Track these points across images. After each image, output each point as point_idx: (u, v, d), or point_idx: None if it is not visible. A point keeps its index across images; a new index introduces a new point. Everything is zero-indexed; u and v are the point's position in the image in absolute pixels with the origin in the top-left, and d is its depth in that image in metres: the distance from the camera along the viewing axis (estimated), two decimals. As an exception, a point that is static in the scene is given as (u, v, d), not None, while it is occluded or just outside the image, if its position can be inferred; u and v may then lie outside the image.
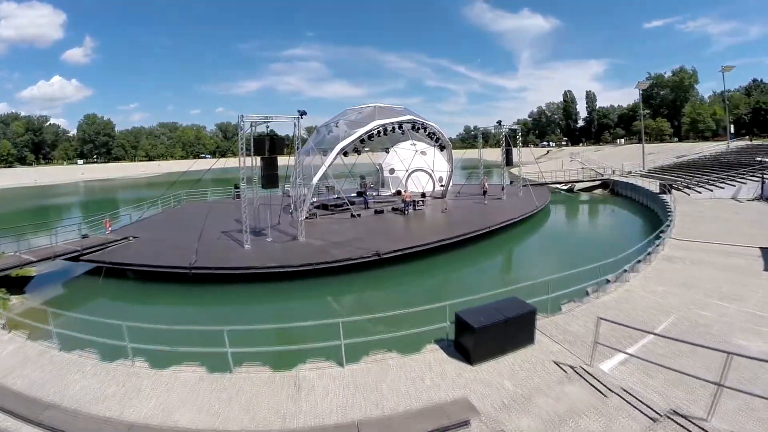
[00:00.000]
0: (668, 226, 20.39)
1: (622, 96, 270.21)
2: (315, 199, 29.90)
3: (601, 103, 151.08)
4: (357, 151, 26.93)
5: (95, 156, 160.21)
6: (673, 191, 31.94)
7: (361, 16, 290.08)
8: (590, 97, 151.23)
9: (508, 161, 33.68)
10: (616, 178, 46.23)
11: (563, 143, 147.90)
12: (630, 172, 49.69)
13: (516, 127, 34.76)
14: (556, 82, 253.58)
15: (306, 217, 24.60)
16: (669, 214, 23.76)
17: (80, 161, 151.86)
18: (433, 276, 18.69)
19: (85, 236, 22.13)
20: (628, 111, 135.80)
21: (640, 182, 39.18)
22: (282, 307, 15.89)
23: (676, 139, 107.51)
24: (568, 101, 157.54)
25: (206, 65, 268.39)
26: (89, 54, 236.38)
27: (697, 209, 26.04)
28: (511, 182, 39.35)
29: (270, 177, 19.06)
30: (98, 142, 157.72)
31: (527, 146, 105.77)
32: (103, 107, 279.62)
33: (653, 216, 29.60)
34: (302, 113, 20.60)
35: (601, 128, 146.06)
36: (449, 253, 20.09)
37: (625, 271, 13.96)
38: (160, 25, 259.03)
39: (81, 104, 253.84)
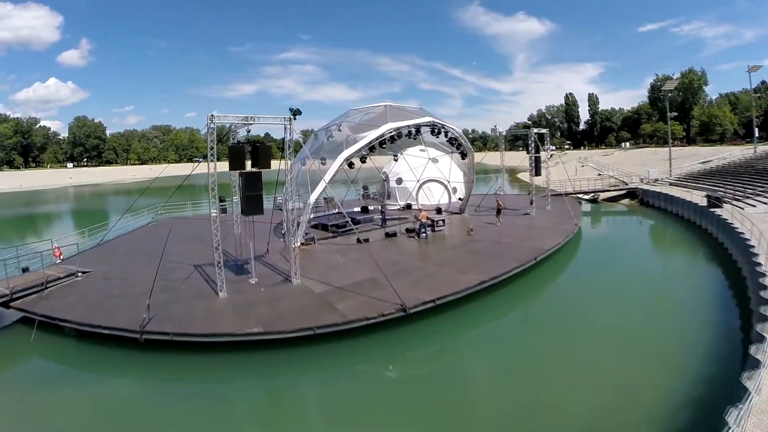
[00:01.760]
0: (755, 256, 16.11)
1: (619, 99, 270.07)
2: (312, 215, 25.38)
3: (599, 105, 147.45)
4: (363, 160, 22.49)
5: (86, 159, 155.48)
6: (724, 205, 27.61)
7: (357, 19, 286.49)
8: (592, 100, 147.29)
9: (537, 170, 29.05)
10: (645, 187, 41.90)
11: (566, 147, 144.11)
12: (657, 180, 45.47)
13: (545, 131, 30.24)
14: (551, 86, 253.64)
15: (302, 243, 20.21)
16: (741, 237, 19.33)
17: (70, 165, 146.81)
18: (478, 331, 14.27)
19: (25, 270, 17.64)
20: (632, 114, 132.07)
21: (677, 193, 34.83)
22: (268, 390, 11.54)
23: (676, 142, 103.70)
24: (570, 104, 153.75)
25: (201, 68, 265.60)
26: (85, 56, 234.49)
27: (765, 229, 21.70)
28: (529, 192, 35.04)
29: (252, 200, 14.28)
30: (89, 145, 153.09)
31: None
32: (99, 110, 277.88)
33: (707, 236, 25.33)
34: (295, 112, 15.63)
35: (603, 131, 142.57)
36: (488, 296, 15.64)
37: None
38: (155, 27, 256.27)
39: (76, 106, 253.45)
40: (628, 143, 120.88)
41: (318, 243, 21.90)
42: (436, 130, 24.19)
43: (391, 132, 21.60)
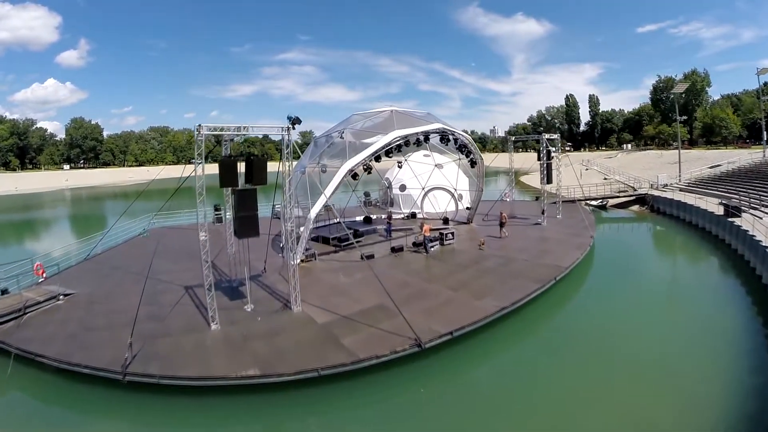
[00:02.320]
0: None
1: (618, 99, 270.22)
2: (312, 226, 24.07)
3: (600, 107, 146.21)
4: (368, 170, 21.17)
5: (83, 161, 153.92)
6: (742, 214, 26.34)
7: (356, 20, 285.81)
8: (593, 101, 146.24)
9: (549, 178, 27.73)
10: (655, 193, 40.68)
11: (567, 148, 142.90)
12: (666, 185, 44.26)
13: (555, 136, 28.96)
14: (550, 87, 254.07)
15: (302, 260, 18.94)
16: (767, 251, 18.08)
17: (67, 166, 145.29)
18: (497, 362, 13.00)
19: (4, 292, 16.36)
20: (633, 115, 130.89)
21: (689, 200, 33.58)
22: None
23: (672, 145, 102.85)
24: (571, 105, 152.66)
25: (200, 68, 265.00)
26: (84, 57, 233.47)
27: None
28: (536, 198, 33.85)
29: (246, 221, 12.93)
30: (86, 147, 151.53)
31: (527, 151, 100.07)
32: (98, 110, 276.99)
33: (726, 248, 24.20)
34: (294, 121, 13.92)
35: (604, 133, 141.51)
36: (506, 321, 14.32)
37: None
38: (155, 28, 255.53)
39: (75, 107, 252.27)
40: (629, 145, 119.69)
41: (319, 259, 20.55)
42: (446, 138, 22.85)
43: (398, 140, 20.28)
